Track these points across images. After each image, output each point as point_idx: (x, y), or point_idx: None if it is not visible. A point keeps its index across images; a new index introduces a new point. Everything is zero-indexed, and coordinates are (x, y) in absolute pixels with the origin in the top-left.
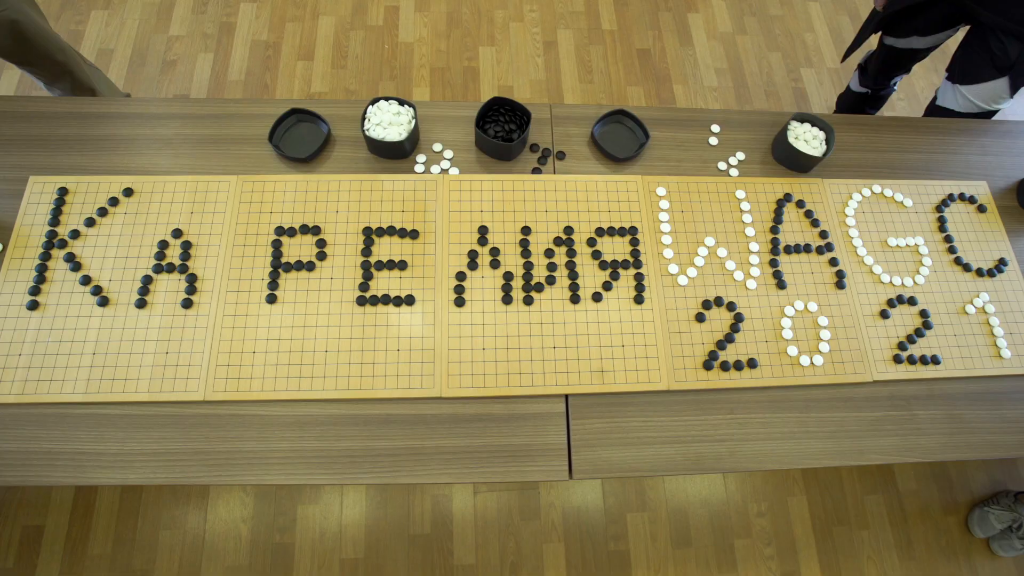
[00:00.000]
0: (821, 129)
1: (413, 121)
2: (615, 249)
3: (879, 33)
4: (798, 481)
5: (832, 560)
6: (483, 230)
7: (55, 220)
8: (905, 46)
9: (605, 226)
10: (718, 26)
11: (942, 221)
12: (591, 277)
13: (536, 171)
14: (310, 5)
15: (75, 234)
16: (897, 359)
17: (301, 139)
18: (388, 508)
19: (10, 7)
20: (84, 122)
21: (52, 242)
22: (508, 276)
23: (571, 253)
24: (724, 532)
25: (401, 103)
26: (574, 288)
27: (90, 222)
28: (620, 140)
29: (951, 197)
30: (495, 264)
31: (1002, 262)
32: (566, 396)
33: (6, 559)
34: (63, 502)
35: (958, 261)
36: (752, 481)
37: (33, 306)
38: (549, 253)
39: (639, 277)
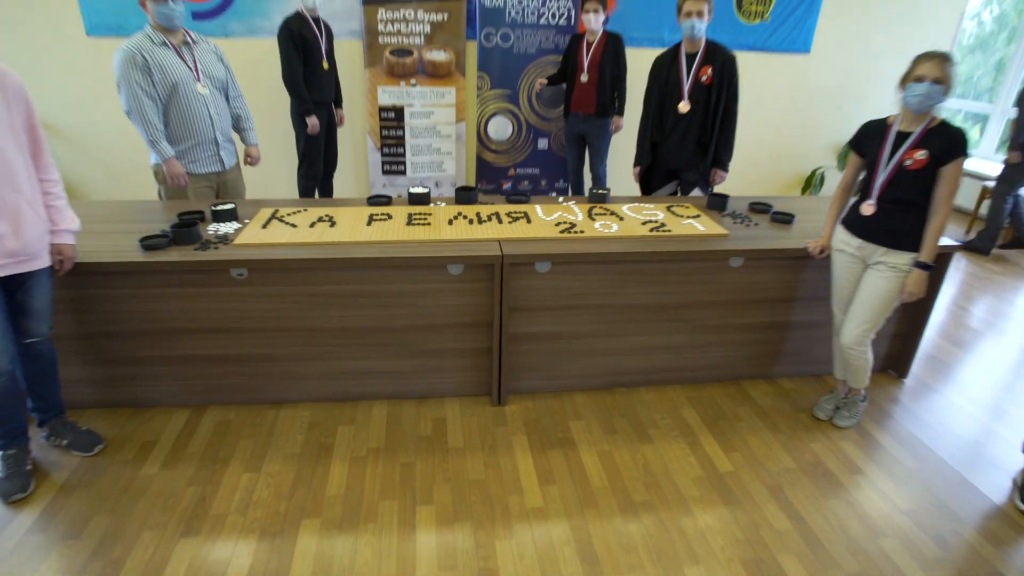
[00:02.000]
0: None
1: (429, 192)
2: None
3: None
4: (684, 403)
5: (723, 437)
6: (460, 214)
7: (270, 217)
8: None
9: (513, 211)
10: None
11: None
12: (508, 216)
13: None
14: None
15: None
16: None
17: (380, 201)
18: (401, 424)
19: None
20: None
21: (271, 219)
22: (471, 220)
23: (499, 217)
24: (640, 429)
25: (423, 185)
26: (499, 220)
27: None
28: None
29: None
30: (467, 219)
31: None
32: (499, 240)
33: (127, 455)
34: (174, 426)
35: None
36: (650, 401)
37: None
38: (490, 217)
39: (529, 220)
